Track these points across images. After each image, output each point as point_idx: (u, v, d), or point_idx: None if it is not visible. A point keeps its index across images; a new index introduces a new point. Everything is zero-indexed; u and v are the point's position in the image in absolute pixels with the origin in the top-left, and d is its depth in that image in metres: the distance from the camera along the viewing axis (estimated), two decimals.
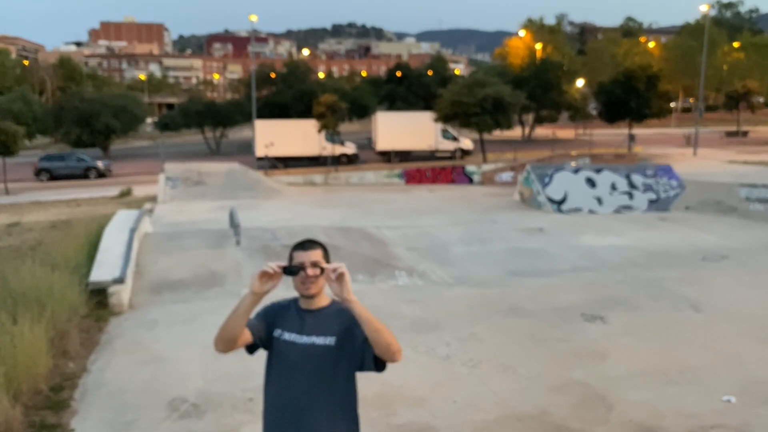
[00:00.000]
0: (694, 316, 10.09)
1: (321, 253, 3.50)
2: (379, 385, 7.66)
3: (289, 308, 3.58)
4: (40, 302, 8.80)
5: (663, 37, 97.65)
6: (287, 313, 3.57)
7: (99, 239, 13.05)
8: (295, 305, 3.57)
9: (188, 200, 25.23)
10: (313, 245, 3.51)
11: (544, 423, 6.72)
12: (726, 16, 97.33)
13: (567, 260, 14.08)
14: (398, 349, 3.29)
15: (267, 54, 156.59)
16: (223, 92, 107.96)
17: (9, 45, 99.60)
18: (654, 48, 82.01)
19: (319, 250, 3.51)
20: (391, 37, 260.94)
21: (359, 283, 12.31)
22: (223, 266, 12.96)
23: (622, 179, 21.40)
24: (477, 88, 38.14)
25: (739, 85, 58.23)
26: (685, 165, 30.46)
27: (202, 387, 7.63)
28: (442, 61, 78.83)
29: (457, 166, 35.66)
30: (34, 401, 7.21)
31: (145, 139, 67.72)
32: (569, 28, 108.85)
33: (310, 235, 17.42)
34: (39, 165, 40.74)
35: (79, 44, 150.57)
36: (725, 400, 7.13)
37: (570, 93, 56.03)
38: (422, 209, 22.70)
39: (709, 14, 50.72)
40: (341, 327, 3.45)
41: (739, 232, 16.95)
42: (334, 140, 41.08)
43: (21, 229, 19.64)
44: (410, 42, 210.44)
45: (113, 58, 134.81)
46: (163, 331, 9.69)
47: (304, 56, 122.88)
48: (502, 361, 8.26)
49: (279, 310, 3.59)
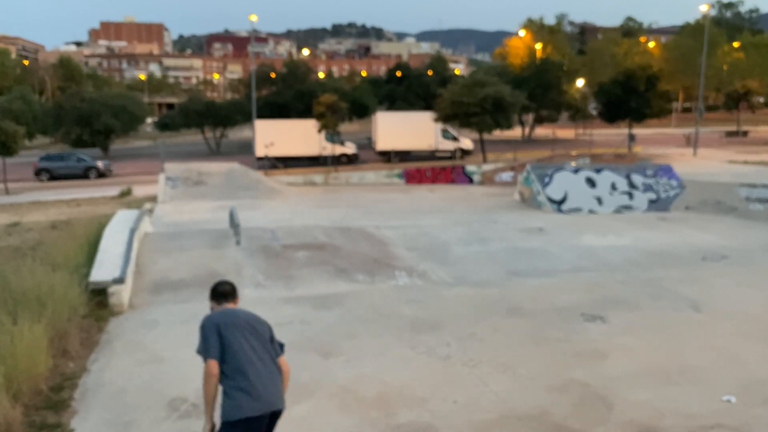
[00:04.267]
0: (694, 316, 10.09)
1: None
2: (379, 385, 7.66)
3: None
4: (41, 302, 8.81)
5: (663, 37, 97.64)
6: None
7: (99, 239, 13.05)
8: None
9: (188, 200, 25.22)
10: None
11: (544, 423, 6.72)
12: (726, 16, 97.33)
13: (567, 260, 14.08)
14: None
15: (267, 54, 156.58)
16: (223, 92, 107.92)
17: (9, 45, 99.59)
18: (654, 48, 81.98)
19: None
20: (391, 37, 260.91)
21: (359, 283, 12.32)
22: (223, 266, 12.96)
23: (622, 179, 21.40)
24: (477, 88, 38.14)
25: (739, 85, 58.24)
26: (685, 165, 30.45)
27: (201, 387, 7.63)
28: (442, 61, 78.89)
29: (457, 166, 35.66)
30: (34, 401, 7.21)
31: (145, 139, 67.71)
32: (569, 28, 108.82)
33: (309, 235, 17.33)
34: (39, 165, 40.74)
35: (79, 44, 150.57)
36: (725, 400, 7.13)
37: (570, 93, 56.03)
38: (422, 209, 22.70)
39: (709, 14, 50.73)
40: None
41: (739, 232, 16.95)
42: (334, 140, 41.08)
43: (21, 229, 19.64)
44: (410, 42, 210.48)
45: (113, 58, 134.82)
46: (163, 331, 9.68)
47: (304, 56, 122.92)
48: (502, 361, 8.26)
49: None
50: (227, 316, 4.11)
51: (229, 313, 4.17)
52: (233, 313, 4.18)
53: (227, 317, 4.10)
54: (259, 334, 4.12)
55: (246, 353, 4.06)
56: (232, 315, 4.15)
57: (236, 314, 4.16)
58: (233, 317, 4.11)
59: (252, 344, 4.10)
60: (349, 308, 10.63)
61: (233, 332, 4.00)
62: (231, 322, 4.04)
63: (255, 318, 4.22)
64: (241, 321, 4.10)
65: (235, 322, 4.05)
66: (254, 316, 4.25)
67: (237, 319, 4.09)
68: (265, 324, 4.26)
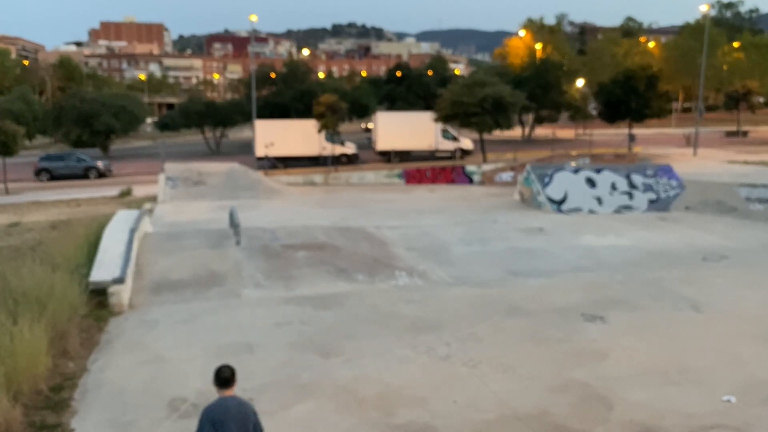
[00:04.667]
0: (694, 316, 10.09)
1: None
2: (379, 385, 7.66)
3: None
4: (41, 302, 8.81)
5: (663, 37, 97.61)
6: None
7: (99, 239, 13.05)
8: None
9: (188, 200, 25.21)
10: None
11: (544, 423, 6.73)
12: (726, 16, 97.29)
13: (567, 260, 14.08)
14: None
15: (267, 54, 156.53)
16: (223, 92, 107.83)
17: (9, 45, 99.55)
18: (654, 48, 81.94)
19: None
20: (391, 37, 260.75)
21: (359, 283, 12.32)
22: (223, 266, 12.96)
23: (622, 179, 21.40)
24: (477, 88, 38.08)
25: (739, 85, 58.18)
26: (685, 165, 30.44)
27: (202, 387, 7.62)
28: (442, 61, 78.80)
29: (457, 166, 35.63)
30: (34, 401, 7.21)
31: (145, 139, 67.67)
32: (569, 28, 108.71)
33: (309, 235, 17.28)
34: (39, 165, 40.71)
35: (79, 44, 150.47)
36: (725, 400, 7.14)
37: (570, 93, 55.98)
38: (422, 209, 22.68)
39: (709, 14, 50.71)
40: None
41: (739, 232, 16.95)
42: (334, 140, 41.06)
43: (21, 229, 19.64)
44: (410, 42, 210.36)
45: (113, 58, 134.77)
46: (163, 331, 9.69)
47: (304, 56, 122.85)
48: (502, 361, 8.26)
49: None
50: (220, 412, 5.11)
51: (222, 407, 5.14)
52: (225, 407, 5.14)
53: (220, 413, 5.10)
54: (244, 424, 5.15)
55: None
56: (224, 410, 5.12)
57: (227, 409, 5.13)
58: (224, 413, 5.11)
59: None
60: (349, 308, 10.63)
61: (222, 427, 5.04)
62: (221, 419, 5.07)
63: (242, 408, 5.21)
64: (230, 415, 5.11)
65: (225, 419, 5.08)
66: (242, 405, 5.25)
67: (227, 415, 5.10)
68: (251, 412, 5.27)
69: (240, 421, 5.10)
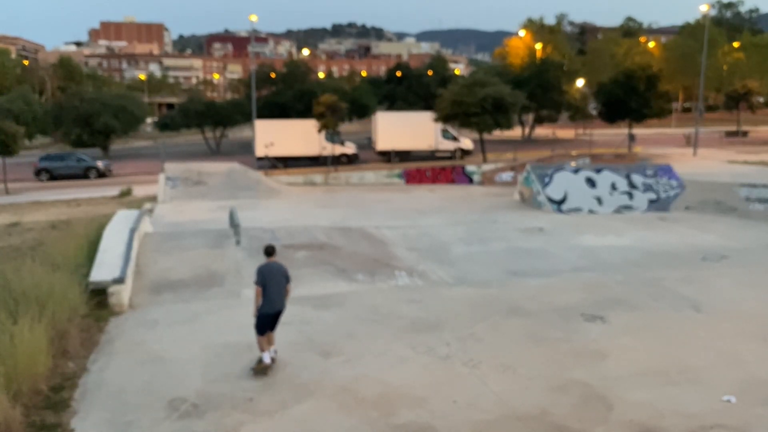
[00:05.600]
0: (694, 316, 10.09)
1: None
2: (379, 385, 7.66)
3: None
4: (41, 302, 8.81)
5: (663, 37, 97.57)
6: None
7: (99, 239, 13.06)
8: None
9: (188, 200, 25.21)
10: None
11: (544, 423, 6.73)
12: (726, 16, 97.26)
13: (567, 260, 14.08)
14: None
15: (267, 54, 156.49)
16: (223, 92, 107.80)
17: (9, 45, 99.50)
18: (654, 48, 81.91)
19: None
20: (391, 37, 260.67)
21: (359, 283, 12.32)
22: (223, 266, 12.97)
23: (622, 179, 21.40)
24: (477, 88, 38.06)
25: (739, 85, 58.13)
26: (685, 165, 30.44)
27: (202, 387, 7.63)
28: (442, 61, 78.73)
29: (457, 166, 35.61)
30: (34, 401, 7.21)
31: (145, 139, 67.65)
32: (569, 28, 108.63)
33: (309, 235, 17.34)
34: (39, 165, 40.69)
35: (79, 44, 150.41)
36: (725, 400, 7.14)
37: (570, 93, 55.95)
38: (422, 209, 22.68)
39: (709, 14, 50.70)
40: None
41: (739, 232, 16.95)
42: (334, 140, 41.05)
43: (21, 229, 19.63)
44: (410, 42, 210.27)
45: (113, 58, 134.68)
46: (163, 331, 9.69)
47: (304, 56, 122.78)
48: (502, 361, 8.26)
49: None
50: (268, 269, 8.39)
51: (268, 265, 8.44)
52: (270, 266, 8.45)
53: (267, 269, 8.39)
54: (280, 276, 8.43)
55: (271, 285, 8.29)
56: (269, 267, 8.43)
57: (271, 266, 8.45)
58: (270, 269, 8.41)
59: (277, 280, 8.37)
60: (349, 308, 10.64)
61: (269, 275, 8.33)
62: (268, 270, 8.38)
63: (280, 267, 8.50)
64: (274, 269, 8.42)
65: (270, 270, 8.39)
66: (280, 265, 8.55)
67: (272, 269, 8.41)
68: (285, 271, 8.53)
69: (279, 274, 8.36)
